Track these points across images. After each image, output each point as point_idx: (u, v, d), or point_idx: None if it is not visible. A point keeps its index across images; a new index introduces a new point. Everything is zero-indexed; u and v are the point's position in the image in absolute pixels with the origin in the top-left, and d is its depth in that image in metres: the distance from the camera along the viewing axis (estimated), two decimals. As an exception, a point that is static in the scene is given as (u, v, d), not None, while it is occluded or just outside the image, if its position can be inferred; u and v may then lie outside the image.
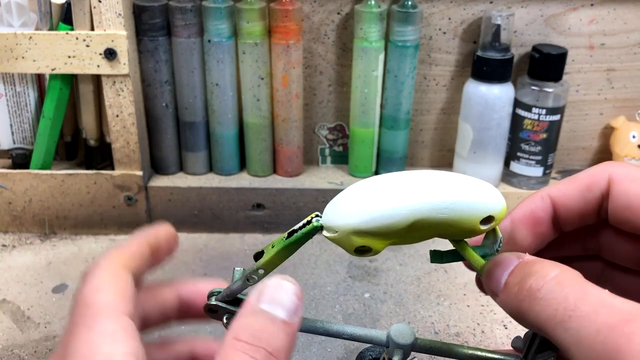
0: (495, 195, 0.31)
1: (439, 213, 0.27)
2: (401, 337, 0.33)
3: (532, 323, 0.24)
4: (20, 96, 0.65)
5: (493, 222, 0.29)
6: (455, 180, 0.29)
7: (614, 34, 0.66)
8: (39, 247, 0.65)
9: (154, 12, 0.62)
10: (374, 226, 0.27)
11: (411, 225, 0.27)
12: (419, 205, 0.27)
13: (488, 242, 0.30)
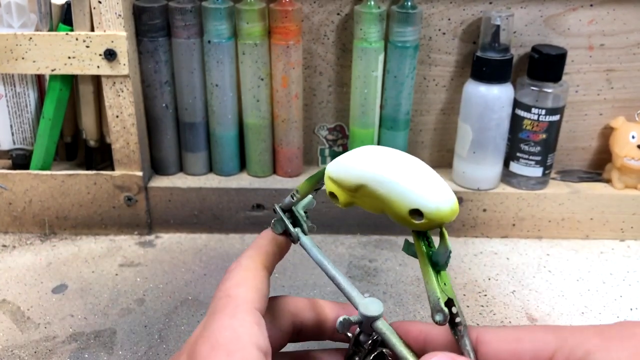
0: (435, 194, 0.31)
1: (377, 186, 0.32)
2: (368, 309, 0.34)
3: None
4: (20, 97, 0.65)
5: (422, 218, 0.31)
6: (407, 164, 0.32)
7: (614, 34, 0.66)
8: (39, 248, 0.65)
9: (153, 12, 0.62)
10: (335, 177, 0.34)
11: (359, 186, 0.33)
12: (364, 172, 0.32)
13: (440, 250, 0.32)
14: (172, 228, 0.68)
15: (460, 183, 0.68)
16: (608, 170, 0.69)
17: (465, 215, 0.68)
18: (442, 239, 0.31)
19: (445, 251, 0.31)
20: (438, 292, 0.31)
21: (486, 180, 0.67)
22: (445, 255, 0.31)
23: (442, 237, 0.31)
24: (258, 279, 0.33)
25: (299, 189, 0.39)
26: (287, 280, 0.60)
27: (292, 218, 0.39)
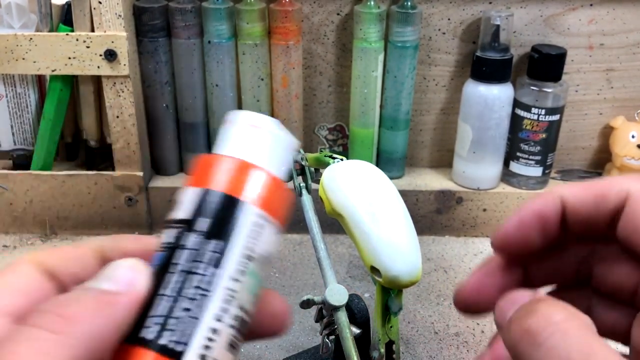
0: (399, 262, 0.33)
1: (352, 227, 0.34)
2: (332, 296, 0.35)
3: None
4: (20, 97, 0.65)
5: (380, 277, 0.33)
6: (389, 217, 0.34)
7: (613, 34, 0.66)
8: (39, 248, 0.65)
9: (154, 13, 0.62)
10: (326, 189, 0.36)
11: (339, 214, 0.35)
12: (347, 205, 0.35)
13: (395, 302, 0.34)
14: (173, 228, 0.68)
15: (460, 183, 0.68)
16: (608, 170, 0.70)
17: (465, 215, 0.68)
18: (398, 296, 0.34)
19: (398, 304, 0.34)
20: (381, 333, 0.35)
21: (486, 179, 0.67)
22: (397, 307, 0.34)
23: (399, 294, 0.34)
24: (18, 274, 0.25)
25: (308, 157, 0.40)
26: (287, 280, 0.60)
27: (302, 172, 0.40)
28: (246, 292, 0.23)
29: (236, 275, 0.23)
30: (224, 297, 0.22)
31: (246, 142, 0.25)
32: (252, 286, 0.23)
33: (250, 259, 0.23)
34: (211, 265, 0.23)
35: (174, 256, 0.23)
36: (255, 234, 0.23)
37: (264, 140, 0.25)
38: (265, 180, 0.24)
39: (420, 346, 0.52)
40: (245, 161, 0.24)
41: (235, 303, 0.23)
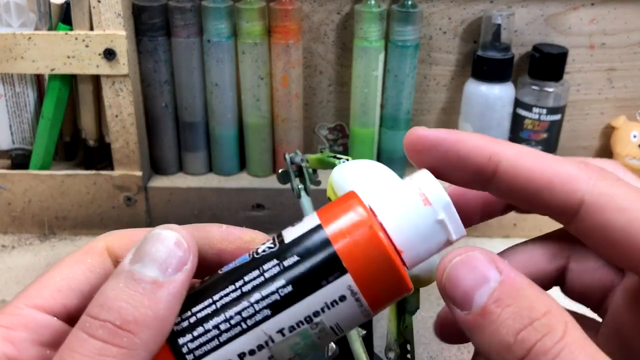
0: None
1: None
2: None
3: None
4: (19, 96, 0.65)
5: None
6: None
7: (615, 33, 0.65)
8: (38, 248, 0.65)
9: (153, 12, 0.62)
10: (335, 188, 0.35)
11: None
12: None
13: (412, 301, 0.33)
14: (172, 228, 0.68)
15: (461, 183, 0.68)
16: (609, 170, 0.69)
17: (466, 215, 0.68)
18: (414, 295, 0.33)
19: (415, 304, 0.33)
20: (396, 333, 0.33)
21: (487, 179, 0.67)
22: (414, 307, 0.33)
23: (415, 293, 0.33)
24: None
25: (309, 159, 0.39)
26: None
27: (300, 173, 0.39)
28: (286, 348, 0.21)
29: (285, 329, 0.21)
30: (257, 340, 0.21)
31: (400, 209, 0.22)
32: (297, 346, 0.21)
33: (310, 323, 0.21)
34: (267, 305, 0.21)
35: (247, 270, 0.22)
36: (333, 305, 0.21)
37: (420, 223, 0.22)
38: (385, 262, 0.21)
39: (421, 347, 0.52)
40: (377, 228, 0.21)
41: (266, 351, 0.21)
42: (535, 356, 0.19)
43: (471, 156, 0.23)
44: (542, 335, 0.19)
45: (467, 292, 0.21)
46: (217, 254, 0.25)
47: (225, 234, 0.25)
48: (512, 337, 0.20)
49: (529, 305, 0.20)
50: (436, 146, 0.24)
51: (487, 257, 0.21)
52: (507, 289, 0.20)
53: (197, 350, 0.21)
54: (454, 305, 0.21)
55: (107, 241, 0.25)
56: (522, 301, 0.20)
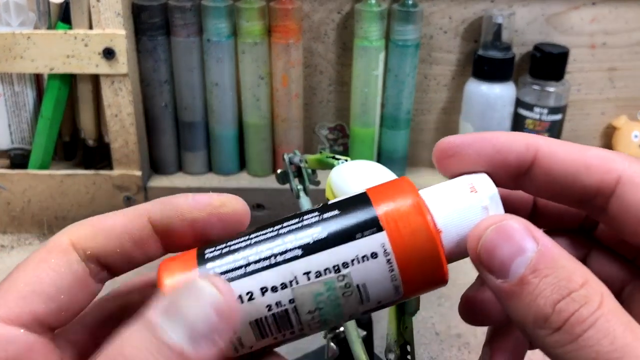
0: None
1: None
2: None
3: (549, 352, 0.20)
4: (18, 96, 0.65)
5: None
6: None
7: (616, 33, 0.65)
8: (37, 248, 0.64)
9: (153, 11, 0.61)
10: (334, 189, 0.35)
11: None
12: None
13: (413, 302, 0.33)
14: (172, 228, 0.68)
15: (461, 183, 0.68)
16: (610, 170, 0.69)
17: (467, 215, 0.68)
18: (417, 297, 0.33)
19: (415, 305, 0.33)
20: (396, 334, 0.33)
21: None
22: (414, 308, 0.33)
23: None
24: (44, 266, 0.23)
25: (308, 159, 0.39)
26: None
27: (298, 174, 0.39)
28: (309, 295, 0.21)
29: (312, 273, 0.21)
30: (282, 278, 0.21)
31: (447, 194, 0.22)
32: (320, 297, 0.21)
33: (337, 273, 0.21)
34: (299, 245, 0.21)
35: (287, 219, 0.22)
36: (363, 259, 0.21)
37: (464, 207, 0.22)
38: (423, 233, 0.21)
39: (421, 347, 0.52)
40: (422, 202, 0.22)
41: (289, 293, 0.21)
42: (571, 326, 0.19)
43: (509, 147, 0.24)
44: (579, 305, 0.19)
45: (504, 261, 0.21)
46: (190, 224, 0.24)
47: (193, 203, 0.24)
48: (550, 307, 0.20)
49: (567, 276, 0.20)
50: (472, 144, 0.24)
51: (524, 226, 0.21)
52: (544, 259, 0.20)
53: (222, 275, 0.21)
54: (490, 274, 0.21)
55: (71, 235, 0.23)
56: (560, 272, 0.20)
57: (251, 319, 0.21)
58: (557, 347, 0.19)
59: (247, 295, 0.21)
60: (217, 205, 0.24)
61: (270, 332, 0.21)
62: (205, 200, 0.24)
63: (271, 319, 0.21)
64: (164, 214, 0.24)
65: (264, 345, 0.22)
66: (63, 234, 0.23)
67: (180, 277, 0.22)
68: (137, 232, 0.24)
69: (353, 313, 0.22)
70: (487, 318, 0.26)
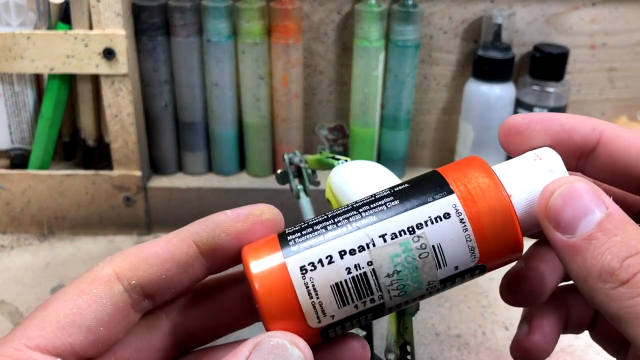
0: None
1: None
2: None
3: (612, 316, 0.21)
4: (18, 96, 0.65)
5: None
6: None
7: (616, 33, 0.65)
8: (37, 248, 0.64)
9: (153, 11, 0.61)
10: (334, 189, 0.36)
11: None
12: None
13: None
14: (171, 228, 0.67)
15: (461, 183, 0.68)
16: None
17: (467, 216, 0.68)
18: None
19: (415, 305, 0.33)
20: (396, 335, 0.33)
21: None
22: (414, 309, 0.33)
23: None
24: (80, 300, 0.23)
25: (308, 159, 0.39)
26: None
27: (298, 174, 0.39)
28: (386, 257, 0.22)
29: (387, 235, 0.22)
30: (358, 241, 0.22)
31: (514, 163, 0.23)
32: (397, 258, 0.22)
33: (412, 234, 0.22)
34: (373, 213, 0.22)
35: (362, 199, 0.23)
36: (437, 220, 0.22)
37: (530, 173, 0.23)
38: (494, 192, 0.22)
39: (421, 348, 0.52)
40: (490, 168, 0.23)
41: (367, 255, 0.22)
42: (638, 280, 0.20)
43: (576, 127, 0.24)
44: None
45: (573, 218, 0.21)
46: (236, 237, 0.24)
47: (234, 216, 0.25)
48: (617, 262, 0.20)
49: (636, 237, 0.21)
50: (540, 122, 0.25)
51: (594, 191, 0.22)
52: (613, 221, 0.21)
53: (301, 243, 0.22)
54: (556, 229, 0.22)
55: (114, 267, 0.23)
56: (628, 234, 0.21)
57: (331, 282, 0.22)
58: (621, 300, 0.20)
59: (326, 259, 0.22)
60: (258, 214, 0.24)
61: (350, 297, 0.22)
62: (245, 212, 0.25)
63: (351, 282, 0.22)
64: (209, 233, 0.24)
65: (346, 317, 0.22)
66: (106, 265, 0.24)
67: (266, 259, 0.22)
68: (183, 257, 0.24)
69: (431, 280, 0.22)
70: (526, 299, 0.27)
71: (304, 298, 0.21)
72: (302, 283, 0.21)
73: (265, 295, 0.22)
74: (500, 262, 0.23)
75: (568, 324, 0.29)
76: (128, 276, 0.23)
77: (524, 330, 0.28)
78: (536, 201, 0.23)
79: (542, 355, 0.28)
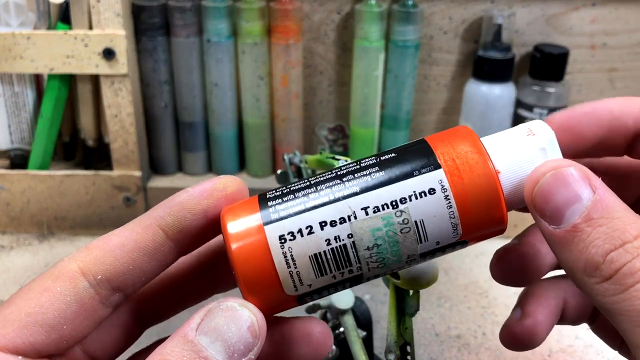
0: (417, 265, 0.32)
1: None
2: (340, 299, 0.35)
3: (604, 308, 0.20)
4: (18, 96, 0.65)
5: (399, 280, 0.31)
6: None
7: (616, 33, 0.65)
8: (37, 248, 0.64)
9: (152, 11, 0.61)
10: None
11: None
12: None
13: (411, 303, 0.32)
14: (171, 228, 0.68)
15: (461, 183, 0.68)
16: (610, 171, 0.69)
17: (467, 216, 0.68)
18: (414, 297, 0.32)
19: (415, 305, 0.33)
20: (396, 335, 0.33)
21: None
22: (414, 309, 0.33)
23: (415, 295, 0.32)
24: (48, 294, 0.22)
25: (308, 159, 0.39)
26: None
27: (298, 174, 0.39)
28: (367, 230, 0.21)
29: (370, 208, 0.21)
30: (340, 213, 0.21)
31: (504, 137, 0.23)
32: (378, 232, 0.21)
33: (395, 208, 0.21)
34: (356, 183, 0.22)
35: (346, 165, 0.23)
36: (421, 195, 0.21)
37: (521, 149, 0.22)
38: (481, 169, 0.21)
39: (421, 348, 0.52)
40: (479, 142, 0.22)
41: (347, 228, 0.21)
42: (622, 277, 0.19)
43: (626, 110, 0.24)
44: (632, 257, 0.19)
45: (559, 208, 0.21)
46: (202, 215, 0.24)
47: (197, 194, 0.24)
48: (601, 256, 0.20)
49: (621, 227, 0.20)
50: (588, 114, 0.24)
51: (581, 174, 0.21)
52: (599, 208, 0.20)
53: (282, 211, 0.22)
54: (543, 219, 0.21)
55: (79, 262, 0.22)
56: (615, 223, 0.20)
57: (310, 253, 0.21)
58: (605, 296, 0.20)
59: (306, 230, 0.21)
60: (222, 189, 0.24)
61: (329, 268, 0.22)
62: (209, 187, 0.24)
63: (330, 254, 0.21)
64: (174, 216, 0.24)
65: (323, 286, 0.22)
66: (71, 260, 0.23)
67: (244, 220, 0.22)
68: (150, 244, 0.24)
69: (411, 254, 0.22)
70: (516, 278, 0.26)
71: (282, 267, 0.21)
72: (280, 252, 0.21)
73: (242, 261, 0.21)
74: (483, 237, 0.23)
75: (565, 314, 0.28)
76: (93, 271, 0.22)
77: (516, 315, 0.27)
78: (524, 180, 0.22)
79: (531, 343, 0.27)
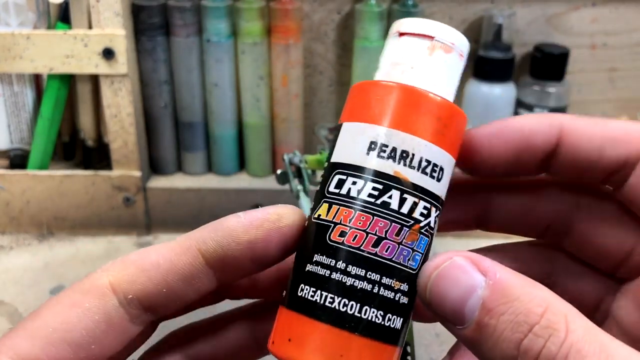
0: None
1: None
2: None
3: None
4: (18, 96, 0.65)
5: None
6: None
7: (616, 33, 0.65)
8: (36, 248, 0.64)
9: (152, 11, 0.61)
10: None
11: None
12: None
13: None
14: (171, 229, 0.67)
15: (461, 183, 0.68)
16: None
17: (467, 216, 0.68)
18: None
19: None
20: None
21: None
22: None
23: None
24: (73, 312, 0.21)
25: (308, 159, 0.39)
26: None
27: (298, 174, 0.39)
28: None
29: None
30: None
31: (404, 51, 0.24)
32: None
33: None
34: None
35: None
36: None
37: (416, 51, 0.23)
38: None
39: (421, 348, 0.51)
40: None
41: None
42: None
43: (534, 129, 0.23)
44: (544, 340, 0.18)
45: (456, 307, 0.19)
46: (248, 247, 0.22)
47: (247, 222, 0.22)
48: (514, 349, 0.18)
49: (525, 309, 0.18)
50: (498, 135, 0.23)
51: (469, 262, 0.19)
52: (496, 294, 0.19)
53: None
54: (447, 322, 0.20)
55: (112, 277, 0.21)
56: (516, 306, 0.18)
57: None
58: None
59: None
60: (275, 220, 0.22)
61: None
62: (260, 216, 0.22)
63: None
64: (217, 242, 0.22)
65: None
66: (103, 273, 0.21)
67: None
68: (187, 268, 0.22)
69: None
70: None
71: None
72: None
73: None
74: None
75: None
76: (125, 289, 0.21)
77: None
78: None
79: None
